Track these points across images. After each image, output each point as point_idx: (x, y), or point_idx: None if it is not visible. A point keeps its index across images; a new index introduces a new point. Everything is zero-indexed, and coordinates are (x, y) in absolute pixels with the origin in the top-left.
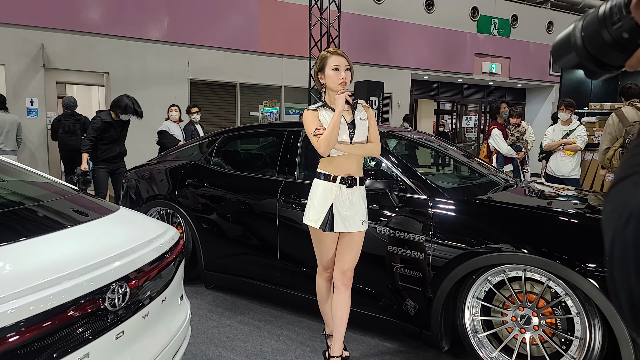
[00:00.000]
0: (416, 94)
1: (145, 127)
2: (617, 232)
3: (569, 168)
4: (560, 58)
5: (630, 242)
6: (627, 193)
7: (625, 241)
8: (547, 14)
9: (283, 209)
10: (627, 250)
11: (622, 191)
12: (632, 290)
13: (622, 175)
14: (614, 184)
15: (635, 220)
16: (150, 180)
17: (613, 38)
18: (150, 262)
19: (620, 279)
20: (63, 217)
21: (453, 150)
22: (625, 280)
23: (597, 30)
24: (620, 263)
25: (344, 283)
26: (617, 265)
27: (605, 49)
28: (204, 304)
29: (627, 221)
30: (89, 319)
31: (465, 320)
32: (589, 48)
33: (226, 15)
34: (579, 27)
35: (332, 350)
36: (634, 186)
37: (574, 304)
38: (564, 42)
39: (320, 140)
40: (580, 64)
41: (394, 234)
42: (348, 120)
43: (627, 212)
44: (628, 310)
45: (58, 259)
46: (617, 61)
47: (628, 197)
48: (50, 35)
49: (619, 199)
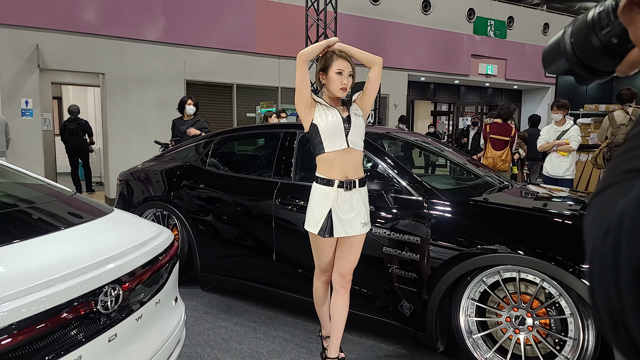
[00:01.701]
0: (413, 95)
1: (138, 129)
2: (596, 245)
3: (564, 168)
4: (550, 64)
5: (608, 256)
6: (607, 204)
7: (604, 255)
8: (542, 16)
9: (279, 210)
10: (606, 265)
11: (602, 202)
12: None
13: (603, 185)
14: (596, 194)
15: (613, 235)
16: (146, 182)
17: (602, 44)
18: (143, 264)
19: (599, 293)
20: (56, 219)
21: (449, 151)
22: (604, 295)
23: (586, 36)
24: (599, 276)
25: (343, 286)
26: (597, 279)
27: (594, 55)
28: (199, 305)
29: (606, 234)
30: (82, 321)
31: (460, 321)
32: (578, 54)
33: (223, 16)
34: (568, 33)
35: (329, 352)
36: (614, 197)
37: (567, 304)
38: (553, 48)
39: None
40: (570, 70)
41: (390, 235)
42: (343, 116)
43: (605, 225)
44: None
45: (51, 261)
46: (607, 67)
47: (607, 209)
48: (45, 35)
49: (599, 210)
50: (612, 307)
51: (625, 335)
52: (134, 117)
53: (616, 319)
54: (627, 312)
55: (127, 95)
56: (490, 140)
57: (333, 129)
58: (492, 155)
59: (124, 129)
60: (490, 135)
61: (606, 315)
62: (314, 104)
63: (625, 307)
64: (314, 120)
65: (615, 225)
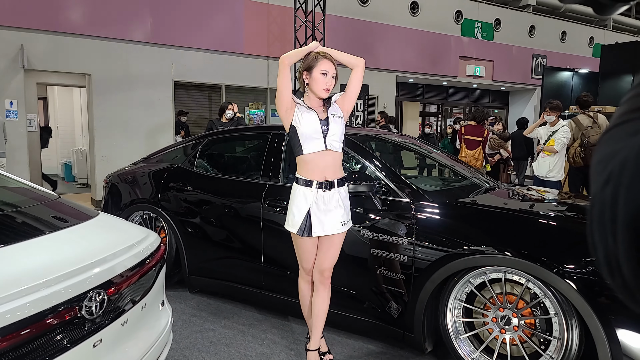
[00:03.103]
0: (402, 96)
1: (125, 130)
2: (597, 191)
3: (546, 169)
4: None
5: (607, 204)
6: (614, 145)
7: (604, 202)
8: (529, 18)
9: (267, 212)
10: (605, 212)
11: (610, 141)
12: (608, 249)
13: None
14: (606, 131)
15: (613, 183)
16: (133, 184)
17: None
18: (129, 268)
19: (597, 236)
20: (41, 223)
21: (437, 153)
22: (602, 239)
23: None
24: (598, 221)
25: (322, 282)
26: (595, 223)
27: None
28: (187, 308)
29: (607, 182)
30: (66, 327)
31: (447, 321)
32: None
33: (211, 17)
34: None
35: (309, 345)
36: (622, 137)
37: (552, 304)
38: None
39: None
40: None
41: (377, 237)
42: (322, 118)
43: (607, 172)
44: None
45: (36, 266)
46: None
47: (613, 151)
48: (30, 35)
49: (605, 150)
50: (608, 251)
51: (619, 276)
52: (121, 118)
53: (611, 262)
54: (621, 257)
55: (114, 96)
56: (465, 140)
57: (311, 131)
58: (466, 154)
59: (111, 130)
60: (465, 136)
61: (603, 257)
62: (293, 105)
63: (619, 252)
64: (293, 122)
65: (617, 174)
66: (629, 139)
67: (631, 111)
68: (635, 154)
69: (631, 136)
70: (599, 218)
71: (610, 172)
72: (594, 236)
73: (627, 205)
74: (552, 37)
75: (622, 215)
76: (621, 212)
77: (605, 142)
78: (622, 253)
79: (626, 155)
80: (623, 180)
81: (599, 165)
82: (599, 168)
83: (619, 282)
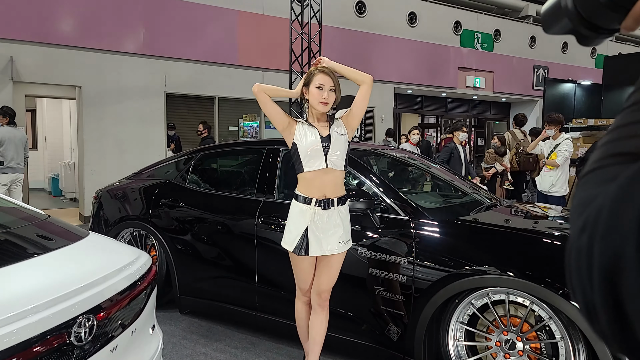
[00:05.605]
0: (400, 108)
1: (116, 143)
2: (573, 237)
3: (549, 183)
4: (551, 25)
5: (583, 252)
6: (590, 191)
7: (580, 250)
8: (529, 29)
9: (262, 229)
10: (581, 259)
11: (587, 187)
12: (586, 296)
13: (591, 166)
14: (584, 175)
15: (589, 231)
16: (123, 200)
17: None
18: (119, 292)
19: (576, 282)
20: (31, 245)
21: (436, 168)
22: (580, 285)
23: None
24: (576, 268)
25: (320, 304)
26: (574, 269)
27: (598, 10)
28: (177, 330)
29: (583, 229)
30: (54, 355)
31: (449, 345)
32: (581, 11)
33: (204, 28)
34: None
35: None
36: (598, 183)
37: (557, 327)
38: (554, 8)
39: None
40: (572, 30)
41: (376, 256)
42: (323, 135)
43: (583, 218)
44: (583, 310)
45: (24, 291)
46: (611, 23)
47: (590, 196)
48: (19, 47)
49: (582, 196)
50: (586, 297)
51: (597, 323)
52: (112, 131)
53: (590, 308)
54: (597, 305)
55: (105, 108)
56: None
57: (312, 150)
58: None
59: (101, 143)
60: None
61: (582, 303)
62: (292, 123)
63: (595, 300)
64: (295, 139)
65: (592, 222)
66: (605, 185)
67: (609, 156)
68: (610, 203)
69: (606, 183)
70: (576, 264)
71: (586, 220)
72: (573, 281)
73: (602, 255)
74: (554, 48)
75: (597, 264)
76: (596, 261)
77: (582, 185)
78: (598, 301)
79: (602, 203)
80: (598, 228)
81: (577, 209)
82: (576, 213)
83: (596, 327)
